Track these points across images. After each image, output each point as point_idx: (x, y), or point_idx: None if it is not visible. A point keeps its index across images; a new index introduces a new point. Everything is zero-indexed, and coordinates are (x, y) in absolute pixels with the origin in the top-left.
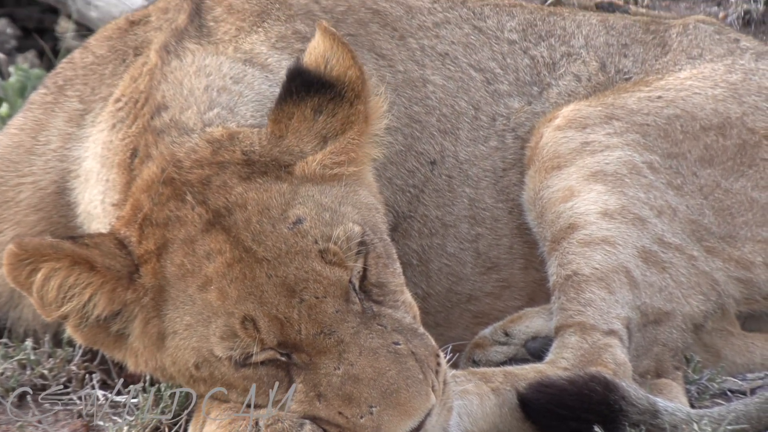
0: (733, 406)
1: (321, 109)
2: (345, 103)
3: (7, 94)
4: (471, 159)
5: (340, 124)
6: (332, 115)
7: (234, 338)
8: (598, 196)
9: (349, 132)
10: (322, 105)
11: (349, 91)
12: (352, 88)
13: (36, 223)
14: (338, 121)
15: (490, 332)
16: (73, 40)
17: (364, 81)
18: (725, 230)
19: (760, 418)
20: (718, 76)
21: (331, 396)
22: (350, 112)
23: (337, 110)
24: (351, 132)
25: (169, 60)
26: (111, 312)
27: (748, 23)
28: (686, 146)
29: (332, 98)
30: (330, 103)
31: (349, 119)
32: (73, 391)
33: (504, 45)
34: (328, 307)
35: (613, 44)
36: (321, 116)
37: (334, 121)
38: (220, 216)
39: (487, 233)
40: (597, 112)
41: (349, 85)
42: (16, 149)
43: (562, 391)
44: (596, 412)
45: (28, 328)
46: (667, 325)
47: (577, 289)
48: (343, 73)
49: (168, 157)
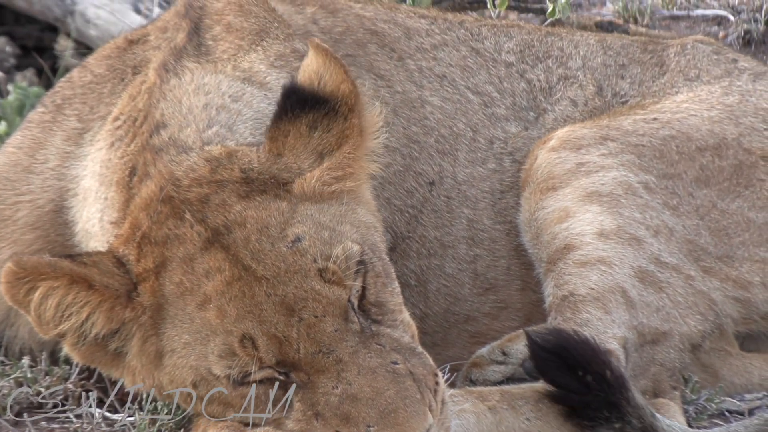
0: (731, 427)
1: (316, 125)
2: (339, 117)
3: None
4: (469, 180)
5: (335, 139)
6: (327, 131)
7: (232, 357)
8: (593, 216)
9: (344, 146)
10: (317, 121)
11: (342, 106)
12: (345, 102)
13: (33, 242)
14: (334, 137)
15: (487, 352)
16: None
17: (356, 95)
18: (722, 250)
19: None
20: (714, 99)
21: (329, 415)
22: (344, 127)
23: (332, 125)
24: (347, 146)
25: (168, 78)
26: (109, 330)
27: (748, 43)
28: (682, 167)
29: (326, 114)
30: (324, 118)
31: (344, 133)
32: (69, 410)
33: (501, 68)
34: (327, 326)
35: (610, 65)
36: (317, 132)
37: (330, 136)
38: (219, 234)
39: (485, 254)
40: (592, 134)
41: (342, 99)
42: (14, 168)
43: (570, 339)
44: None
45: (24, 347)
46: (664, 345)
47: (574, 310)
48: (336, 88)
49: (167, 175)
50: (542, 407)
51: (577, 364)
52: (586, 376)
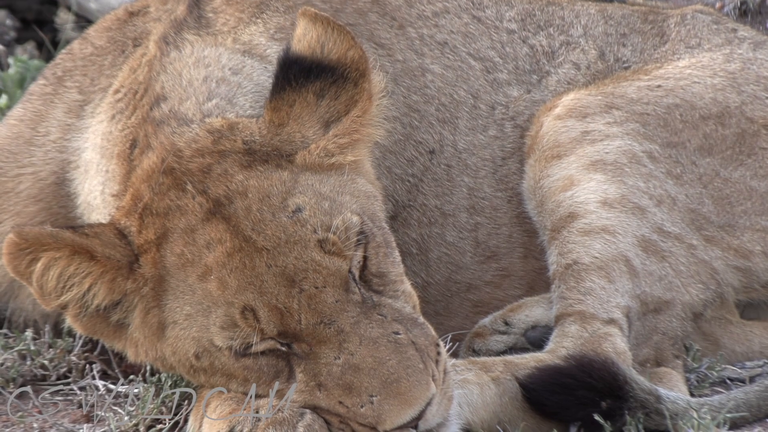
0: (732, 394)
1: (323, 94)
2: (349, 84)
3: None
4: (470, 148)
5: (343, 106)
6: (335, 98)
7: (234, 328)
8: (597, 185)
9: (353, 111)
10: (324, 89)
11: (353, 72)
12: (356, 68)
13: (36, 214)
14: (342, 104)
15: (489, 321)
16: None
17: (366, 60)
18: (724, 219)
19: (759, 406)
20: (716, 66)
21: (331, 385)
22: (354, 92)
23: (341, 92)
24: (355, 110)
25: (168, 51)
26: (111, 301)
27: (744, 13)
28: (685, 135)
29: (334, 81)
30: (332, 86)
31: (353, 99)
32: (73, 382)
33: (503, 34)
34: (328, 296)
35: (611, 34)
36: (324, 100)
37: (338, 103)
38: (220, 205)
39: (487, 222)
40: (597, 102)
41: (352, 65)
42: (16, 140)
43: (560, 372)
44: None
45: (27, 319)
46: (666, 313)
47: (577, 278)
48: (344, 55)
49: (168, 147)
50: None
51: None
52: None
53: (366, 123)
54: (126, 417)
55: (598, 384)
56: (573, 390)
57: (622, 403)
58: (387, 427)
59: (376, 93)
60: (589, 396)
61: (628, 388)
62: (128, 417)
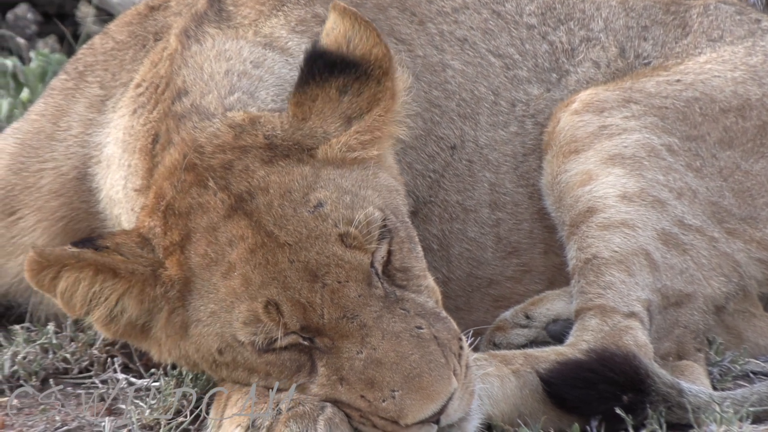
0: (756, 387)
1: (346, 89)
2: (372, 81)
3: (28, 79)
4: (491, 144)
5: (366, 103)
6: (358, 95)
7: (257, 323)
8: (616, 179)
9: (375, 109)
10: (347, 85)
11: (376, 69)
12: (380, 65)
13: (57, 209)
14: (364, 101)
15: (511, 315)
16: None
17: (390, 58)
18: (746, 212)
19: None
20: (738, 59)
21: (353, 380)
22: (377, 90)
23: (363, 89)
24: (377, 109)
25: (190, 45)
26: (141, 311)
27: None
28: (705, 128)
29: (358, 77)
30: (356, 82)
31: (375, 97)
32: (95, 375)
33: (523, 30)
34: (351, 291)
35: (632, 27)
36: (347, 96)
37: (360, 100)
38: (242, 201)
39: (508, 218)
40: (614, 96)
41: (376, 63)
42: (37, 135)
43: (581, 367)
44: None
45: (49, 313)
46: (688, 307)
47: (597, 273)
48: (368, 52)
49: (189, 142)
50: None
51: None
52: None
53: (388, 121)
54: (147, 410)
55: (620, 378)
56: (594, 384)
57: (643, 396)
58: (408, 421)
59: (399, 91)
60: (610, 390)
61: (649, 381)
62: (149, 410)
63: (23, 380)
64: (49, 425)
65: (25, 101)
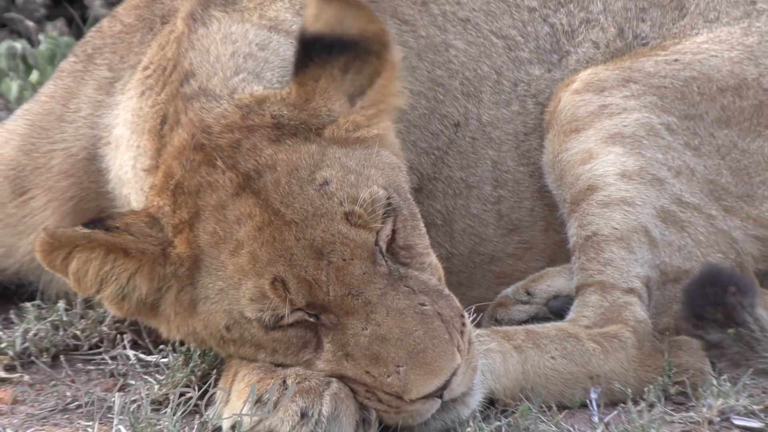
0: None
1: (348, 68)
2: (372, 57)
3: (37, 61)
4: (494, 122)
5: (367, 79)
6: (359, 72)
7: (264, 300)
8: (616, 157)
9: (378, 81)
10: (348, 64)
11: (375, 44)
12: (378, 40)
13: (67, 189)
14: (366, 77)
15: (512, 292)
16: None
17: (386, 32)
18: (743, 189)
19: None
20: (734, 39)
21: (358, 356)
22: (378, 64)
23: (364, 66)
24: (380, 81)
25: (196, 27)
26: (151, 290)
27: None
28: (703, 108)
29: (357, 55)
30: (356, 60)
31: (377, 71)
32: (104, 351)
33: (524, 13)
34: (356, 269)
35: (631, 8)
36: (348, 75)
37: (362, 77)
38: (250, 179)
39: (510, 195)
40: (614, 76)
41: (374, 38)
42: (47, 116)
43: None
44: None
45: (60, 291)
46: (686, 283)
47: (597, 249)
48: (365, 29)
49: (197, 122)
50: (567, 345)
51: None
52: None
53: (390, 92)
54: (156, 386)
55: None
56: None
57: None
58: (413, 396)
59: (397, 63)
60: None
61: None
62: (158, 386)
63: (34, 357)
64: (60, 401)
65: (35, 83)
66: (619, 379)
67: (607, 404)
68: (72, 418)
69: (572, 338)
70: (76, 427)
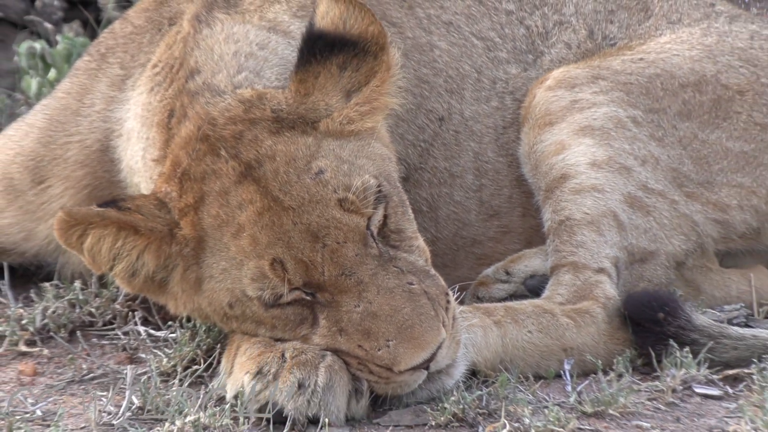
0: None
1: (346, 66)
2: (369, 56)
3: (55, 60)
4: (475, 116)
5: (364, 77)
6: (356, 70)
7: (264, 279)
8: (587, 148)
9: (373, 81)
10: (346, 62)
11: (373, 45)
12: (376, 42)
13: (82, 178)
14: (363, 75)
15: (492, 272)
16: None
17: (384, 35)
18: (703, 177)
19: None
20: (694, 39)
21: (351, 331)
22: (374, 64)
23: (361, 65)
24: (375, 80)
25: (201, 29)
26: (157, 266)
27: None
28: (666, 102)
29: (356, 54)
30: (354, 59)
31: (373, 70)
32: (117, 327)
33: (502, 16)
34: (348, 251)
35: (600, 11)
36: (346, 72)
37: (359, 75)
38: (251, 168)
39: (490, 184)
40: (584, 73)
41: (373, 39)
42: (64, 111)
43: None
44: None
45: (75, 271)
46: (651, 263)
47: (570, 233)
48: (365, 30)
49: (203, 115)
50: (542, 321)
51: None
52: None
53: (384, 92)
54: (165, 359)
55: None
56: None
57: None
58: (402, 368)
59: (393, 65)
60: None
61: None
62: (167, 359)
63: (53, 332)
64: (76, 372)
65: (53, 80)
66: (591, 351)
67: (579, 374)
68: (87, 388)
69: (547, 314)
70: (92, 397)
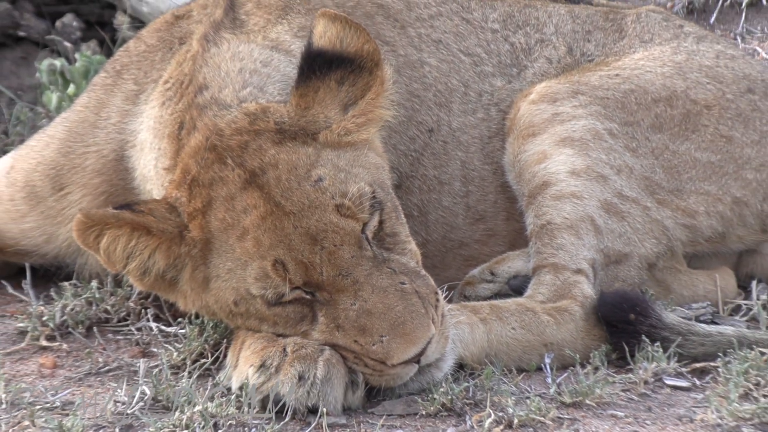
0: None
1: (343, 81)
2: (365, 72)
3: (73, 77)
4: (462, 128)
5: (360, 91)
6: (353, 85)
7: (267, 279)
8: (567, 158)
9: (368, 94)
10: (344, 77)
11: (368, 62)
12: (371, 59)
13: (99, 185)
14: (359, 89)
15: (478, 272)
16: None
17: (379, 52)
18: (673, 185)
19: None
20: (665, 57)
21: (348, 327)
22: (370, 79)
23: (358, 80)
24: (370, 94)
25: (209, 47)
26: (167, 265)
27: (691, 12)
28: (640, 116)
29: (352, 71)
30: (351, 74)
31: (368, 85)
32: (131, 324)
33: (488, 34)
34: (345, 253)
35: (578, 31)
36: (344, 87)
37: (355, 89)
38: (255, 175)
39: (476, 190)
40: (565, 88)
41: (368, 56)
42: (82, 123)
43: None
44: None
45: (92, 272)
46: (626, 264)
47: (551, 236)
48: (361, 48)
49: (211, 127)
50: (525, 318)
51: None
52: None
53: (378, 105)
54: (175, 353)
55: None
56: None
57: None
58: (394, 361)
59: (387, 80)
60: None
61: None
62: (177, 353)
63: (71, 328)
64: (93, 365)
65: (71, 95)
66: (569, 346)
67: (559, 368)
68: (103, 380)
69: (529, 312)
70: (107, 388)
